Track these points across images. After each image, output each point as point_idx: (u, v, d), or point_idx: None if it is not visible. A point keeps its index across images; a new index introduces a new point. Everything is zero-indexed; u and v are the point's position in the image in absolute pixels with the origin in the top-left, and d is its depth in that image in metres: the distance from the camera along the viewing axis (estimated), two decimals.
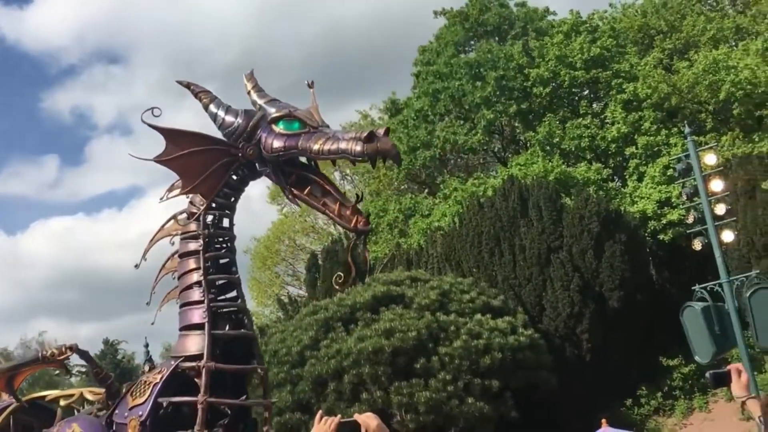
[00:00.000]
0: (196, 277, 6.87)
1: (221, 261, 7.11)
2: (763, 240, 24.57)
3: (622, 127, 31.78)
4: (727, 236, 18.93)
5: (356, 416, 4.35)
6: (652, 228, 29.48)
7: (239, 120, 6.72)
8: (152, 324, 7.55)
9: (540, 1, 39.82)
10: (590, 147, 33.11)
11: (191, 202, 7.14)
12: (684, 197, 20.26)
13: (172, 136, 6.66)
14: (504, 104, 34.10)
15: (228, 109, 6.87)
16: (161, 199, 7.24)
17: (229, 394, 6.79)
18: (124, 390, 7.02)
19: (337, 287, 7.05)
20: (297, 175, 6.60)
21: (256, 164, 6.77)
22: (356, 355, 21.24)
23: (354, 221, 6.35)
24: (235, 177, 6.93)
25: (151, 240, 7.56)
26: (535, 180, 29.24)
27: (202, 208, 6.93)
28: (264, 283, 45.09)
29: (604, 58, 33.67)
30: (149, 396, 6.57)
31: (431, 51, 37.90)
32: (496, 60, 34.25)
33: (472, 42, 38.92)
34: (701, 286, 19.09)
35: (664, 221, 28.94)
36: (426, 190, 38.12)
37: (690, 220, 19.65)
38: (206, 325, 6.64)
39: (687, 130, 20.63)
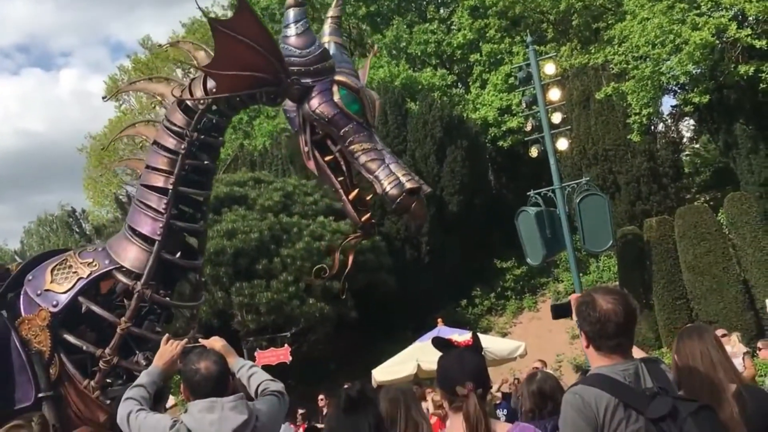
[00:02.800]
0: (162, 181, 5.96)
1: (199, 170, 6.18)
2: (594, 149, 25.66)
3: (468, 33, 32.10)
4: (562, 144, 19.66)
5: (202, 341, 4.40)
6: (492, 134, 30.23)
7: (308, 53, 5.63)
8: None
9: None
10: (436, 52, 33.35)
11: (190, 89, 6.08)
12: (523, 105, 20.82)
13: (248, 16, 5.45)
14: (353, 6, 33.66)
15: (305, 31, 5.72)
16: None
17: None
18: (13, 267, 6.32)
19: (314, 277, 6.27)
20: (321, 139, 5.69)
21: (287, 100, 5.84)
22: None
23: (365, 217, 5.72)
24: (252, 93, 5.92)
25: (132, 82, 6.76)
26: (381, 84, 29.26)
27: (200, 105, 5.92)
28: (101, 182, 43.53)
29: None
30: (71, 288, 5.86)
31: None
32: None
33: None
34: (535, 191, 19.86)
35: (504, 128, 29.69)
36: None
37: (528, 127, 20.25)
38: (156, 244, 5.88)
39: (529, 39, 21.05)
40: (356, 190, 5.72)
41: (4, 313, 5.97)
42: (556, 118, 19.39)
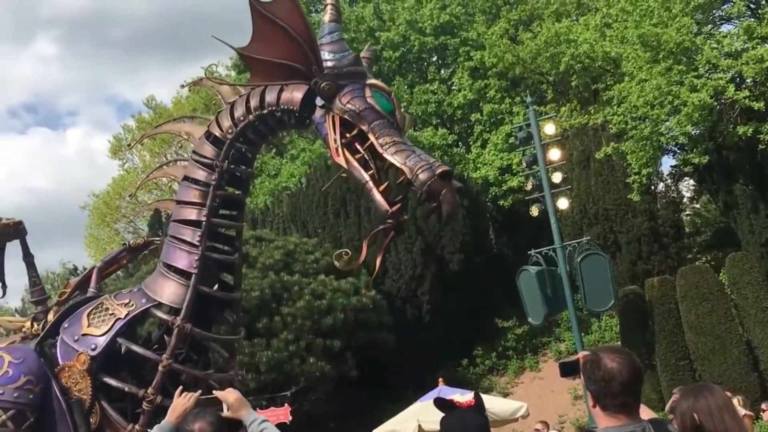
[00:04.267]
0: (195, 214, 5.95)
1: (230, 202, 6.24)
2: (594, 208, 25.72)
3: (468, 94, 32.42)
4: (562, 203, 19.74)
5: (216, 393, 4.34)
6: (493, 194, 30.34)
7: (341, 56, 5.76)
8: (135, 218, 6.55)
9: None
10: (437, 112, 33.64)
11: (217, 120, 6.10)
12: (524, 165, 20.96)
13: (290, 5, 5.45)
14: None
15: (338, 41, 5.88)
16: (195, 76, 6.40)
17: (193, 353, 6.12)
18: (52, 315, 6.21)
19: (337, 263, 5.94)
20: (351, 140, 5.61)
21: (316, 107, 5.76)
22: None
23: (396, 207, 5.54)
24: (280, 118, 5.92)
25: (157, 126, 6.82)
26: None
27: (229, 135, 5.96)
28: (103, 240, 43.58)
29: (452, 26, 34.14)
30: (109, 330, 5.73)
31: None
32: (347, 22, 34.08)
33: (322, 2, 38.54)
34: (536, 250, 19.88)
35: (504, 187, 29.80)
36: (273, 150, 37.77)
37: (529, 187, 20.36)
38: (193, 277, 5.80)
39: (529, 99, 21.29)
40: (386, 183, 5.60)
41: (42, 360, 5.87)
42: (557, 177, 19.51)
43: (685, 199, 32.98)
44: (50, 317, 6.28)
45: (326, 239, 26.62)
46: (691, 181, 31.54)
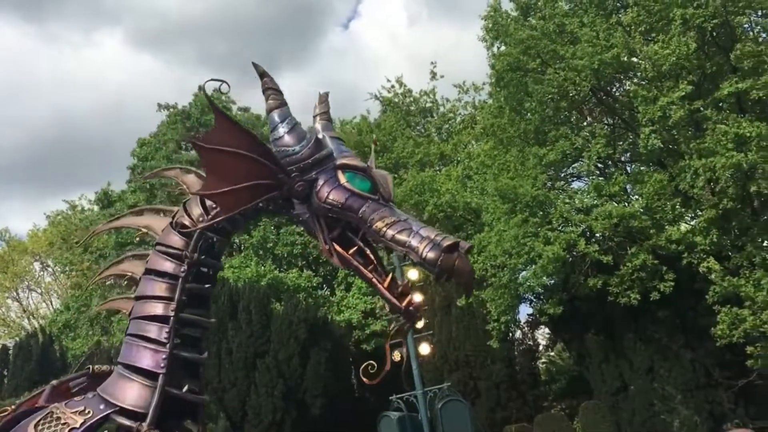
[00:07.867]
0: (161, 309, 5.41)
1: (198, 296, 5.64)
2: (455, 354, 26.07)
3: None
4: (424, 349, 19.97)
5: None
6: (356, 337, 30.36)
7: (301, 147, 5.31)
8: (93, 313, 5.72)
9: (262, 109, 40.62)
10: (302, 254, 33.82)
11: (185, 209, 5.66)
12: (387, 309, 21.13)
13: (226, 125, 5.14)
14: None
15: (294, 127, 5.45)
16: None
17: None
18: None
19: (365, 379, 5.48)
20: (341, 232, 5.28)
21: (294, 204, 5.39)
22: None
23: (406, 301, 5.21)
24: (259, 204, 5.45)
25: (111, 220, 6.31)
26: (247, 283, 29.25)
27: (199, 224, 5.51)
28: None
29: None
30: None
31: (150, 145, 37.24)
32: None
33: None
34: (398, 396, 19.88)
35: (368, 331, 29.91)
36: (134, 289, 36.83)
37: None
38: (161, 377, 5.22)
39: None
40: (389, 276, 5.26)
41: None
42: (419, 323, 19.77)
43: (541, 347, 33.88)
44: None
45: None
46: (547, 330, 32.52)
